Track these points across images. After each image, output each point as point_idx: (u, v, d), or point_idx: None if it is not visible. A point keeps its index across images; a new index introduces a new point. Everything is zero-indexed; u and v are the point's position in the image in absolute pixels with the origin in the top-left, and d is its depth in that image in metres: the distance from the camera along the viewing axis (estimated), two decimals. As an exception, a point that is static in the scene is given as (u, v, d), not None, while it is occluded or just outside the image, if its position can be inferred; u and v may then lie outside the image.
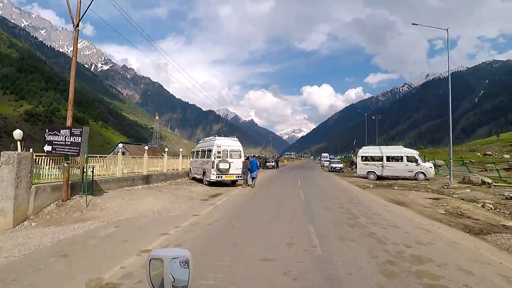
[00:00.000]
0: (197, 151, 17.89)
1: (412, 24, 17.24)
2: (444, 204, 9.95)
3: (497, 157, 24.40)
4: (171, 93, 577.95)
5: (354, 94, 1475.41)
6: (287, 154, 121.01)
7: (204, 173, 15.71)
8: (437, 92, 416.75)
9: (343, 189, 14.22)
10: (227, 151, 14.91)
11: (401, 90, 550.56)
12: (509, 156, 23.33)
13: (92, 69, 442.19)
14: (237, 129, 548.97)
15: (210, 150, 15.11)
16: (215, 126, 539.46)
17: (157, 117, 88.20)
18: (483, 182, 15.59)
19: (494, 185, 14.49)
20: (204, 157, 16.01)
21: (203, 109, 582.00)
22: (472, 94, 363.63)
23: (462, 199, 11.32)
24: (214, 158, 14.48)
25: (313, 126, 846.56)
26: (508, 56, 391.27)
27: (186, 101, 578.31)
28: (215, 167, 14.38)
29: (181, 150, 21.38)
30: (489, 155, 25.86)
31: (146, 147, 17.54)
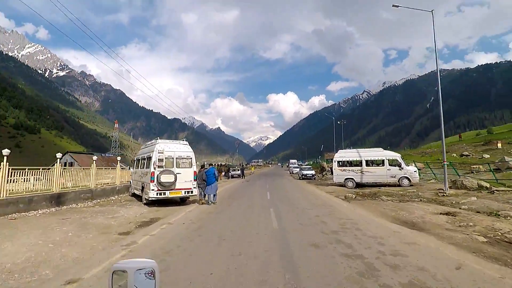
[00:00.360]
0: (138, 159, 13.93)
1: (393, 6, 14.82)
2: (470, 224, 7.13)
3: (476, 157, 23.15)
4: (134, 100, 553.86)
5: (318, 102, 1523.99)
6: (254, 162, 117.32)
7: (142, 188, 11.82)
8: (393, 99, 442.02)
9: (324, 204, 10.95)
10: (172, 158, 11.12)
11: (361, 97, 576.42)
12: (488, 156, 22.09)
13: (46, 75, 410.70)
14: (203, 137, 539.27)
15: (149, 158, 11.26)
16: (180, 134, 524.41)
17: (116, 125, 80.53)
18: (480, 187, 13.40)
19: (496, 190, 12.28)
20: (144, 167, 12.14)
21: (168, 117, 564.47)
22: (424, 100, 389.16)
23: (478, 212, 8.72)
24: (154, 168, 10.67)
25: (279, 133, 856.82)
26: (453, 66, 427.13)
27: (150, 109, 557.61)
28: (155, 180, 10.57)
29: (119, 158, 17.14)
30: (466, 155, 24.55)
31: (95, 157, 13.71)
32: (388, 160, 17.74)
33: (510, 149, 23.96)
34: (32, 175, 9.96)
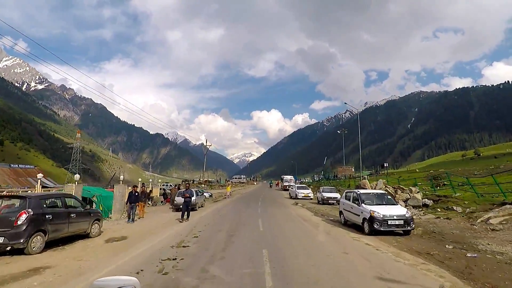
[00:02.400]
0: None
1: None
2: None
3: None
4: (116, 115, 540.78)
5: (301, 120, 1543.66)
6: (236, 178, 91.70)
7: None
8: (375, 118, 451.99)
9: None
10: None
11: (343, 116, 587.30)
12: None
13: (24, 88, 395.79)
14: (186, 153, 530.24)
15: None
16: (163, 149, 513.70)
17: (78, 135, 71.87)
18: None
19: None
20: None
21: (151, 132, 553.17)
22: (405, 121, 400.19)
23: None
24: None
25: (263, 150, 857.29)
26: (431, 88, 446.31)
27: (132, 123, 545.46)
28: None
29: (40, 175, 13.38)
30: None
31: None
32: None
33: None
34: None
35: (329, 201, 21.71)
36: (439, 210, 14.28)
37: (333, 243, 8.81)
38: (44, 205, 7.81)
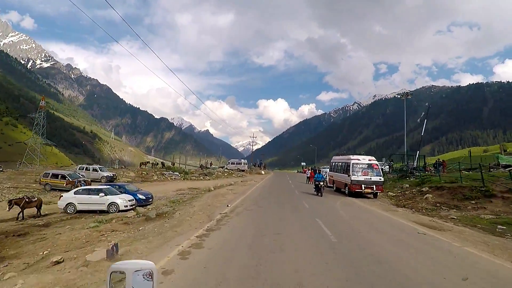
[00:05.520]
0: None
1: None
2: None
3: None
4: (121, 97, 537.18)
5: (307, 110, 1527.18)
6: (232, 163, 56.12)
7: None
8: (384, 112, 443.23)
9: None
10: None
11: (351, 108, 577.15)
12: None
13: (29, 66, 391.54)
14: (191, 139, 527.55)
15: None
16: (167, 134, 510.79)
17: (42, 102, 58.77)
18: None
19: None
20: None
21: (156, 116, 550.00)
22: (415, 115, 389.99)
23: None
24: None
25: (268, 139, 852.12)
26: (443, 83, 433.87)
27: (138, 106, 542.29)
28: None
29: None
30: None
31: None
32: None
33: None
34: None
35: None
36: None
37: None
38: None
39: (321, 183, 18.61)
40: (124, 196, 15.74)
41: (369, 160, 19.74)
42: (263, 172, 57.17)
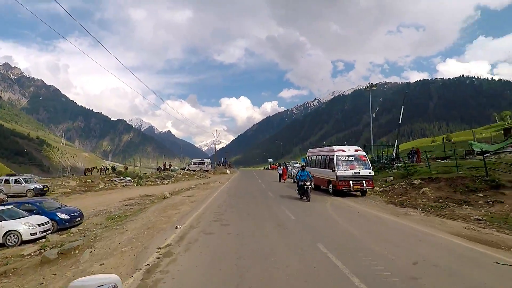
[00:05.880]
0: None
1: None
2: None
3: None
4: (71, 99, 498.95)
5: (270, 107, 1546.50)
6: (194, 164, 49.90)
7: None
8: (342, 107, 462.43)
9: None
10: None
11: (312, 105, 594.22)
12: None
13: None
14: (151, 140, 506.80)
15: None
16: (125, 136, 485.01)
17: None
18: None
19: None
20: None
21: (112, 118, 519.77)
22: (370, 110, 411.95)
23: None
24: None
25: (232, 137, 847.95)
26: (394, 80, 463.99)
27: (91, 108, 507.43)
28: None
29: None
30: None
31: None
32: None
33: None
34: None
35: None
36: None
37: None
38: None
39: (308, 184, 13.89)
40: (33, 219, 10.96)
41: (355, 151, 16.53)
42: (228, 171, 52.32)
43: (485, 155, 18.83)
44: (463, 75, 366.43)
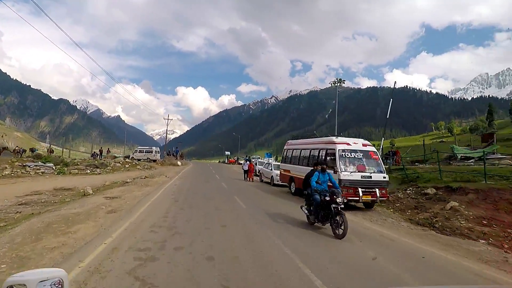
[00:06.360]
0: None
1: None
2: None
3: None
4: (4, 71, 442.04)
5: (228, 101, 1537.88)
6: (140, 152, 43.93)
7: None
8: (298, 106, 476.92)
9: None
10: None
11: (269, 102, 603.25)
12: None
13: None
14: (98, 125, 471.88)
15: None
16: (67, 118, 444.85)
17: None
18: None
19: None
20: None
21: (53, 97, 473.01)
22: (323, 111, 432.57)
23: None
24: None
25: (187, 128, 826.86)
26: (347, 84, 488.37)
27: (28, 84, 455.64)
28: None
29: None
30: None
31: None
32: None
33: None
34: None
35: None
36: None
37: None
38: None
39: (339, 200, 6.90)
40: None
41: (363, 145, 11.85)
42: (179, 163, 45.41)
43: (469, 161, 17.69)
44: (407, 86, 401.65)
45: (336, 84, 38.12)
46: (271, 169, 19.97)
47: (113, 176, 22.00)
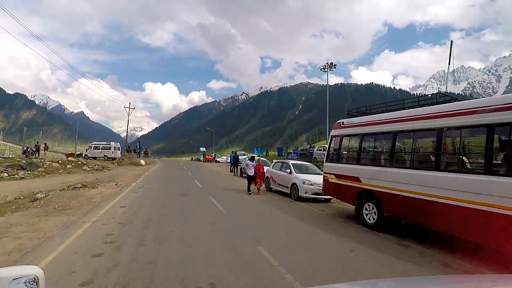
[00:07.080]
0: None
1: None
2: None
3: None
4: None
5: (198, 97, 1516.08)
6: (95, 146, 36.65)
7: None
8: (269, 103, 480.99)
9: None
10: None
11: (240, 98, 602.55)
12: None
13: None
14: (60, 121, 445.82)
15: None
16: (25, 113, 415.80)
17: None
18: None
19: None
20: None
21: (8, 92, 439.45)
22: (294, 107, 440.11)
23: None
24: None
25: (155, 125, 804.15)
26: (316, 81, 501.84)
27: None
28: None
29: None
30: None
31: None
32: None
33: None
34: None
35: None
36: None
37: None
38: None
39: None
40: None
41: None
42: (143, 162, 36.98)
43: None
44: (372, 82, 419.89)
45: (326, 69, 35.40)
46: (291, 173, 12.92)
47: (41, 182, 15.33)
